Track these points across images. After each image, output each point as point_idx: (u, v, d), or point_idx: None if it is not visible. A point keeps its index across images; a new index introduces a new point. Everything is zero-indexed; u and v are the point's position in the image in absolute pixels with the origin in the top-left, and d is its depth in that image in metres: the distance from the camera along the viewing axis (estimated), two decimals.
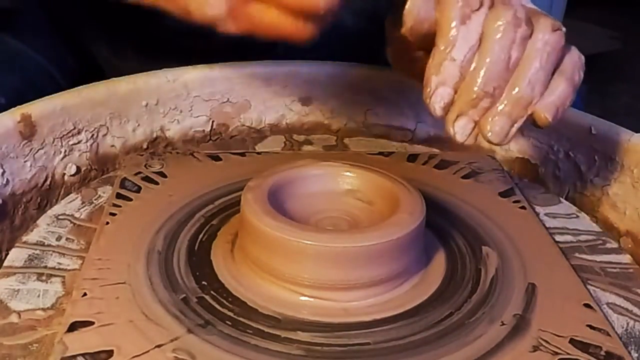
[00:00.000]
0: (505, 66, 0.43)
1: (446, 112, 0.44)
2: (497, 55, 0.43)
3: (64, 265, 0.46)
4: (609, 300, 0.46)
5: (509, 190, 0.58)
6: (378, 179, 0.48)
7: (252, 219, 0.43)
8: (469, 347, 0.40)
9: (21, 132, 0.56)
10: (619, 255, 0.51)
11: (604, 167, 0.60)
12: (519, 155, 0.67)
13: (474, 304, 0.43)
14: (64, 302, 0.43)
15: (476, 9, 0.43)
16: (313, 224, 0.46)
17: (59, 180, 0.60)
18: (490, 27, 0.43)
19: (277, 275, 0.43)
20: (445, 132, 0.45)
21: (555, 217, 0.55)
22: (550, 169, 0.65)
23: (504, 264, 0.48)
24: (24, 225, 0.56)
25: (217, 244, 0.48)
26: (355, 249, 0.41)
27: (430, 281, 0.45)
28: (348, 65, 0.71)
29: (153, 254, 0.47)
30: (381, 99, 0.70)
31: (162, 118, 0.66)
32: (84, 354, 0.37)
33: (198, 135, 0.68)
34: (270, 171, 0.48)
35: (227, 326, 0.40)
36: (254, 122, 0.70)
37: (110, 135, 0.63)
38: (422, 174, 0.59)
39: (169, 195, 0.54)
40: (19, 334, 0.40)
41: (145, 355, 0.38)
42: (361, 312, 0.42)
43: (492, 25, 0.43)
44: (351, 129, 0.71)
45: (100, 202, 0.54)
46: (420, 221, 0.44)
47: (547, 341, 0.40)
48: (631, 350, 0.41)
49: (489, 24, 0.43)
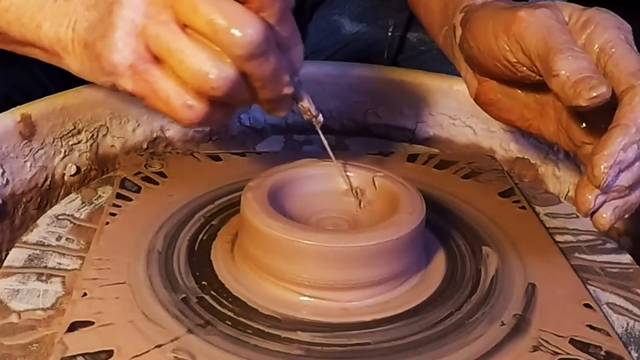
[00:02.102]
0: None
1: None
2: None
3: (64, 265, 0.46)
4: (609, 300, 0.46)
5: (509, 190, 0.58)
6: (378, 179, 0.48)
7: (252, 219, 0.43)
8: (469, 347, 0.40)
9: (21, 132, 0.56)
10: (619, 255, 0.51)
11: None
12: (519, 155, 0.66)
13: (474, 304, 0.43)
14: (64, 302, 0.43)
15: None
16: (313, 224, 0.46)
17: (59, 180, 0.60)
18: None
19: (277, 275, 0.43)
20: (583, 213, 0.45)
21: (555, 217, 0.55)
22: (550, 169, 0.65)
23: (504, 264, 0.48)
24: (24, 225, 0.56)
25: (217, 244, 0.48)
26: (355, 249, 0.41)
27: (430, 281, 0.45)
28: (348, 65, 0.71)
29: (153, 254, 0.47)
30: (381, 99, 0.70)
31: (162, 118, 0.65)
32: (84, 354, 0.37)
33: (198, 135, 0.68)
34: (270, 171, 0.48)
35: (227, 326, 0.40)
36: (254, 122, 0.70)
37: (110, 135, 0.63)
38: (422, 174, 0.59)
39: (169, 195, 0.54)
40: (19, 334, 0.40)
41: (145, 355, 0.37)
42: (361, 312, 0.42)
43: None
44: (351, 129, 0.71)
45: (100, 202, 0.54)
46: (420, 221, 0.44)
47: (547, 341, 0.40)
48: (631, 350, 0.41)
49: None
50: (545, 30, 0.45)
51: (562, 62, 0.43)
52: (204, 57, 0.39)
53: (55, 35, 0.44)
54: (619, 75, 0.44)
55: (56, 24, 0.44)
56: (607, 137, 0.42)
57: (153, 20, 0.40)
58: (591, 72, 0.43)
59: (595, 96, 0.42)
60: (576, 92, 0.42)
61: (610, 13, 0.47)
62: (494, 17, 0.49)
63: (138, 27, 0.40)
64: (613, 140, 0.42)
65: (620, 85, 0.43)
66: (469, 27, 0.52)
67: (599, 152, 0.42)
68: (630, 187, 0.43)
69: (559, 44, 0.44)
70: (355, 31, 0.88)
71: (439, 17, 0.61)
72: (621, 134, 0.42)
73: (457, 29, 0.55)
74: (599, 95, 0.42)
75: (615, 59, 0.44)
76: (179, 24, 0.40)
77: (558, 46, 0.44)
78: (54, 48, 0.45)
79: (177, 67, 0.40)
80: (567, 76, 0.43)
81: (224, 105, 0.43)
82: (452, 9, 0.57)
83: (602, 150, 0.42)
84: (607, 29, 0.46)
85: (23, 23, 0.45)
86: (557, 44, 0.44)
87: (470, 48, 0.52)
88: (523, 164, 0.66)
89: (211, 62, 0.39)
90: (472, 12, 0.52)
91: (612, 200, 0.44)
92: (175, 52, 0.40)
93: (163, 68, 0.41)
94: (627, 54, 0.44)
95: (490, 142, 0.68)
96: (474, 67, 0.54)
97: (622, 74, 0.44)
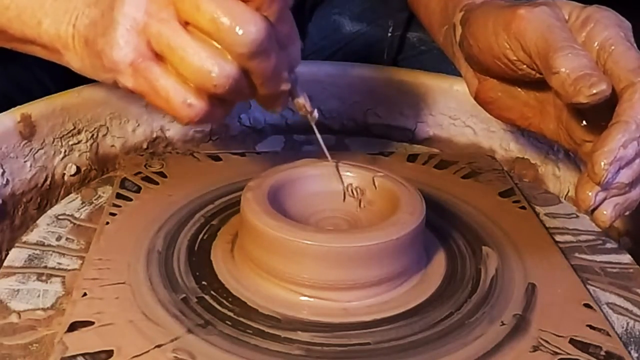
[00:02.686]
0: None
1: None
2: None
3: (64, 265, 0.46)
4: (609, 300, 0.46)
5: (509, 190, 0.58)
6: (378, 179, 0.48)
7: (252, 219, 0.43)
8: (469, 347, 0.40)
9: (21, 132, 0.56)
10: (619, 255, 0.51)
11: None
12: (519, 155, 0.66)
13: (474, 304, 0.43)
14: (64, 302, 0.43)
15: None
16: (313, 224, 0.46)
17: (59, 180, 0.60)
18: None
19: (277, 275, 0.43)
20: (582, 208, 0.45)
21: (555, 217, 0.55)
22: (550, 169, 0.65)
23: (504, 264, 0.48)
24: (24, 225, 0.56)
25: (217, 244, 0.48)
26: (355, 249, 0.41)
27: (430, 281, 0.45)
28: (348, 65, 0.71)
29: (153, 253, 0.47)
30: (381, 99, 0.70)
31: (162, 118, 0.65)
32: (84, 354, 0.37)
33: (198, 135, 0.68)
34: (270, 171, 0.48)
35: (227, 326, 0.40)
36: (254, 122, 0.70)
37: (110, 135, 0.63)
38: (422, 174, 0.59)
39: (169, 195, 0.54)
40: (19, 334, 0.40)
41: (145, 355, 0.37)
42: (361, 312, 0.42)
43: None
44: (351, 129, 0.71)
45: (100, 202, 0.54)
46: (420, 221, 0.44)
47: (547, 341, 0.40)
48: (631, 350, 0.41)
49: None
50: (545, 28, 0.45)
51: (562, 60, 0.43)
52: (205, 55, 0.39)
53: (55, 32, 0.44)
54: (618, 72, 0.44)
55: (57, 21, 0.44)
56: (607, 134, 0.42)
57: (154, 18, 0.40)
58: (591, 70, 0.43)
59: (595, 93, 0.42)
60: (576, 90, 0.42)
61: (610, 11, 0.47)
62: (493, 15, 0.49)
63: (139, 25, 0.40)
64: (613, 137, 0.42)
65: (620, 83, 0.43)
66: (468, 25, 0.52)
67: (599, 149, 0.42)
68: (630, 184, 0.43)
69: (558, 41, 0.44)
70: (356, 31, 0.88)
71: (439, 16, 0.61)
72: (621, 131, 0.42)
73: (457, 28, 0.55)
74: (599, 92, 0.42)
75: (615, 57, 0.44)
76: (181, 22, 0.40)
77: (558, 44, 0.44)
78: (55, 45, 0.45)
79: (178, 64, 0.40)
80: (567, 73, 0.43)
81: (224, 103, 0.43)
82: (452, 7, 0.57)
83: (602, 147, 0.42)
84: (607, 27, 0.46)
85: (23, 20, 0.46)
86: (557, 42, 0.44)
87: (470, 47, 0.52)
88: (523, 164, 0.66)
89: (213, 60, 0.39)
90: (472, 11, 0.52)
91: (612, 197, 0.43)
92: (176, 50, 0.40)
93: (164, 66, 0.41)
94: (627, 52, 0.44)
95: (490, 142, 0.68)
96: (474, 66, 0.54)
97: (622, 71, 0.44)
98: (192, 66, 0.40)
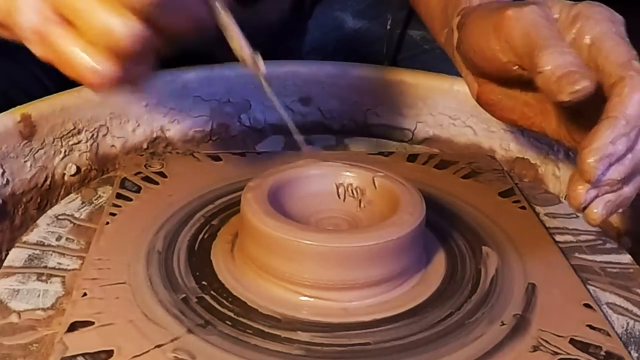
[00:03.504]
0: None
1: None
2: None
3: (64, 265, 0.46)
4: (609, 300, 0.46)
5: (509, 190, 0.58)
6: (378, 179, 0.48)
7: (252, 219, 0.43)
8: (469, 347, 0.40)
9: (21, 132, 0.56)
10: (619, 255, 0.51)
11: None
12: (519, 155, 0.67)
13: (474, 304, 0.43)
14: (64, 302, 0.43)
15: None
16: (313, 224, 0.46)
17: (59, 180, 0.60)
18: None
19: (277, 275, 0.43)
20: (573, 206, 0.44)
21: (555, 217, 0.55)
22: (550, 169, 0.65)
23: (504, 264, 0.48)
24: (24, 225, 0.56)
25: (217, 244, 0.48)
26: (355, 249, 0.41)
27: (430, 281, 0.45)
28: (348, 65, 0.71)
29: (153, 254, 0.47)
30: (381, 99, 0.70)
31: (162, 118, 0.66)
32: (84, 354, 0.37)
33: (198, 135, 0.68)
34: (270, 171, 0.48)
35: (227, 326, 0.40)
36: (254, 122, 0.70)
37: (110, 135, 0.63)
38: (422, 174, 0.59)
39: (169, 195, 0.54)
40: (19, 334, 0.40)
41: (145, 355, 0.37)
42: (361, 312, 0.42)
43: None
44: (351, 129, 0.71)
45: (100, 202, 0.54)
46: (420, 221, 0.44)
47: (547, 341, 0.40)
48: (631, 350, 0.41)
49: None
50: (532, 27, 0.45)
51: (546, 58, 0.43)
52: (108, 14, 0.38)
53: (5, 7, 0.43)
54: (609, 67, 0.43)
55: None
56: (595, 131, 0.42)
57: None
58: (576, 67, 0.42)
59: (577, 90, 0.41)
60: (559, 88, 0.41)
61: (602, 6, 0.46)
62: (485, 18, 0.49)
63: None
64: (601, 133, 0.41)
65: (611, 78, 0.43)
66: (464, 30, 0.52)
67: (587, 146, 0.41)
68: (622, 181, 0.43)
69: (543, 40, 0.44)
70: (357, 28, 0.88)
71: (440, 16, 0.61)
72: (610, 127, 0.41)
73: (454, 33, 0.55)
74: (582, 89, 0.41)
75: (605, 52, 0.44)
76: None
77: (542, 42, 0.44)
78: (7, 21, 0.43)
79: (84, 27, 0.39)
80: (552, 72, 0.42)
81: (139, 61, 0.41)
82: (451, 9, 0.57)
83: (590, 144, 0.41)
84: (598, 22, 0.45)
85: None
86: (542, 40, 0.44)
87: (467, 51, 0.52)
88: (523, 164, 0.66)
89: (116, 18, 0.38)
90: (468, 15, 0.52)
91: (604, 194, 0.43)
92: (81, 12, 0.39)
93: (72, 30, 0.40)
94: (617, 46, 0.44)
95: (490, 142, 0.68)
96: (472, 70, 0.54)
97: (612, 66, 0.43)
98: (96, 27, 0.38)
